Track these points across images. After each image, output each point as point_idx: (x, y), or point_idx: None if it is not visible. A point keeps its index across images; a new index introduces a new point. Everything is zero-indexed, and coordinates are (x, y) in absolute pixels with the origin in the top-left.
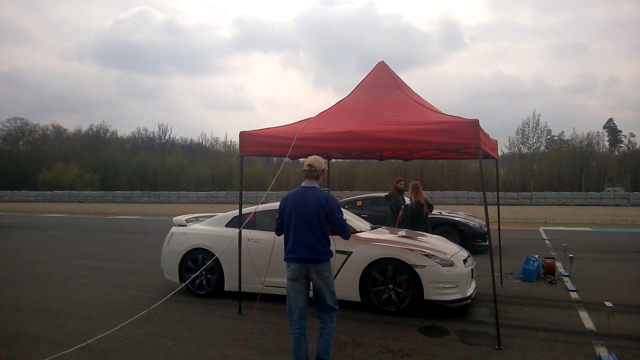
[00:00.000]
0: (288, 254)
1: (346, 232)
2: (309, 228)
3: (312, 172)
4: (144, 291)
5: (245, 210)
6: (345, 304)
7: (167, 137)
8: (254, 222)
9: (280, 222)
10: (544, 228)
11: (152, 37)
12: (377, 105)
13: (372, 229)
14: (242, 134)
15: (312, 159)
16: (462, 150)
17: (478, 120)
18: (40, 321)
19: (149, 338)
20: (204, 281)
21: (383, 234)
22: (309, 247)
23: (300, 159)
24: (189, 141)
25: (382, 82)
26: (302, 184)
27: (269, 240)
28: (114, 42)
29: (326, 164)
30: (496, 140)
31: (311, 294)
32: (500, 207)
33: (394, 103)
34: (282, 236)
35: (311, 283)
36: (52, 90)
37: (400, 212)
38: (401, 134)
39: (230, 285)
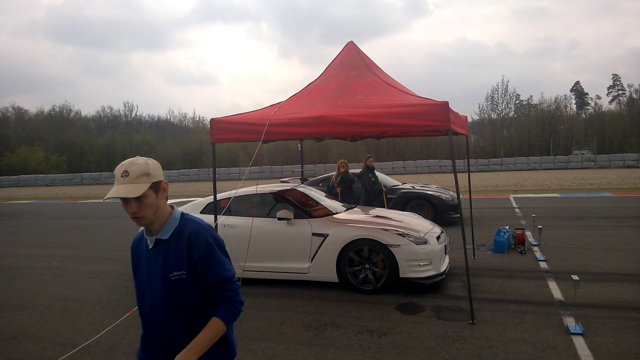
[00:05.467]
0: None
1: None
2: None
3: None
4: (121, 280)
5: (220, 195)
6: (323, 285)
7: (133, 114)
8: (229, 207)
9: None
10: (514, 196)
11: (105, 12)
12: (348, 87)
13: (347, 209)
14: (213, 121)
15: None
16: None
17: (448, 102)
18: (18, 317)
19: (130, 330)
20: None
21: (358, 214)
22: None
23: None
24: (156, 118)
25: (352, 63)
26: None
27: (245, 226)
28: (66, 17)
29: (299, 145)
30: (465, 117)
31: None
32: (471, 174)
33: (365, 85)
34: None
35: None
36: (7, 70)
37: (384, 189)
38: (373, 117)
39: None
